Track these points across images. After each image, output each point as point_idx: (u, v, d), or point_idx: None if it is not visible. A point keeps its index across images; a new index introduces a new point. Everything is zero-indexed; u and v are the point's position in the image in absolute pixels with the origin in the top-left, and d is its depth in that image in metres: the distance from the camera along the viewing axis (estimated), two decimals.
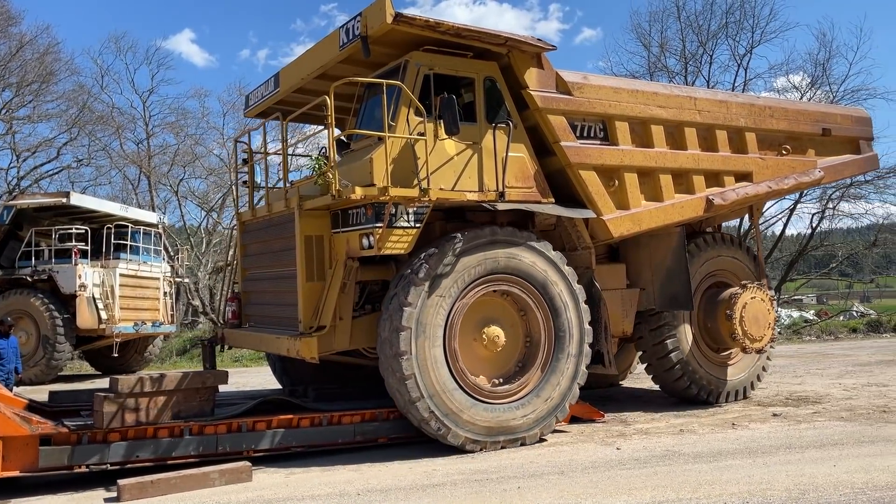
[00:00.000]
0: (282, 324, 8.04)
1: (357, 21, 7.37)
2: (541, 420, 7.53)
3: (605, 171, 8.25)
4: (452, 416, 7.03)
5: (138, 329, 16.42)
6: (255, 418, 7.13)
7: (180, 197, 31.67)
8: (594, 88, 8.27)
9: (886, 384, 10.84)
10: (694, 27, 26.90)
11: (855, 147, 10.52)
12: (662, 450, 6.91)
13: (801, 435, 7.34)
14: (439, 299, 7.05)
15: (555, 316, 7.70)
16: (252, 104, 9.83)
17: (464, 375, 7.22)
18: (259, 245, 8.75)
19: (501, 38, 7.55)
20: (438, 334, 7.05)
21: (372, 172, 7.05)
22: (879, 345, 19.35)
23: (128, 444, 6.57)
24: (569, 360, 7.73)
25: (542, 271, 7.62)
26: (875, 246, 33.25)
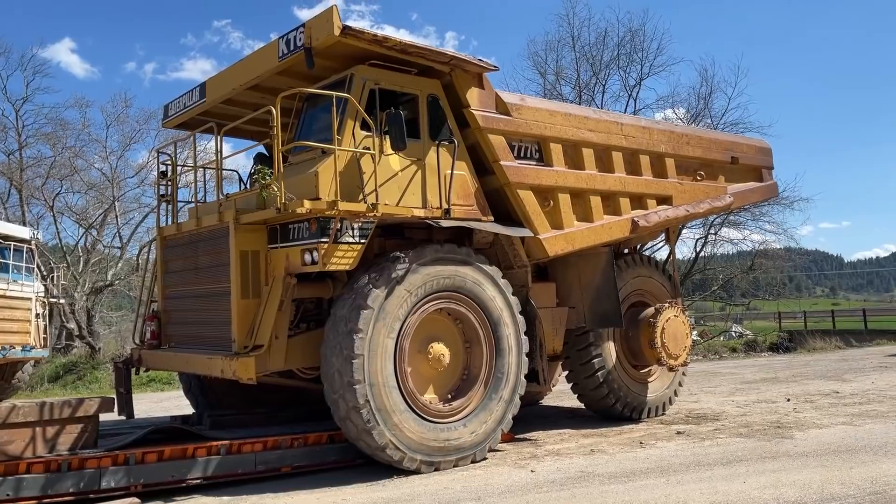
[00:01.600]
0: (210, 343, 7.72)
1: (300, 32, 7.30)
2: (488, 435, 7.64)
3: (541, 191, 8.55)
4: (406, 440, 7.00)
5: (5, 354, 15.06)
6: (145, 449, 6.63)
7: (56, 212, 29.61)
8: (531, 110, 8.58)
9: (774, 401, 11.53)
10: (588, 57, 28.49)
11: (758, 175, 11.47)
12: (577, 471, 7.01)
13: (707, 452, 7.63)
14: (390, 320, 7.02)
15: (496, 333, 7.85)
16: (172, 114, 9.47)
17: (414, 397, 7.22)
18: (183, 261, 8.38)
19: (446, 57, 7.71)
20: (390, 357, 7.01)
21: (318, 186, 6.96)
22: (760, 363, 20.74)
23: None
24: (509, 375, 7.88)
25: (485, 290, 7.76)
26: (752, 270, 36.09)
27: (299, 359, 7.58)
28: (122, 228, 29.44)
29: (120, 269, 29.51)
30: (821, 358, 21.85)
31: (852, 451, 7.37)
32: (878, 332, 32.97)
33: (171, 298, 8.57)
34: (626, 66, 28.21)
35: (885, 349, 24.22)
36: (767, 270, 36.78)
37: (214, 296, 7.69)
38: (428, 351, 7.52)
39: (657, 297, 10.36)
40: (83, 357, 23.41)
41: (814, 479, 6.19)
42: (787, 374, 16.47)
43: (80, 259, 30.27)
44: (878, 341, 29.13)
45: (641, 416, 10.07)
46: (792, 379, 15.11)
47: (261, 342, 7.12)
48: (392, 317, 7.05)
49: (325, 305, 8.11)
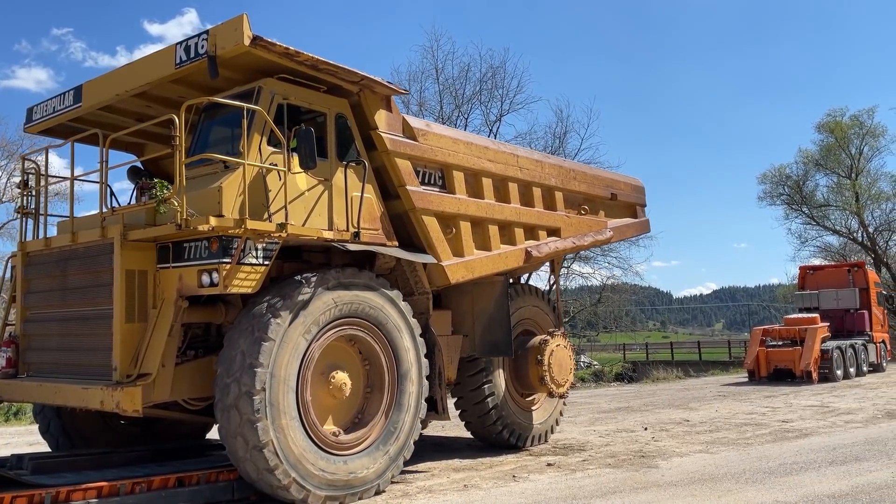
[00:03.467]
0: (83, 372, 7.02)
1: (203, 39, 6.95)
2: (390, 465, 7.49)
3: (445, 217, 8.65)
4: (310, 476, 6.70)
5: None
6: None
7: None
8: (436, 136, 8.70)
9: (633, 430, 12.13)
10: (451, 90, 29.51)
11: (633, 212, 12.32)
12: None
13: (581, 485, 7.74)
14: (292, 350, 6.72)
15: (398, 360, 7.77)
16: (38, 118, 8.63)
17: (316, 429, 6.94)
18: (50, 280, 7.60)
19: (357, 76, 7.65)
20: (292, 389, 6.69)
21: (221, 202, 6.60)
22: (611, 393, 21.90)
23: None
24: (411, 403, 7.82)
25: (388, 316, 7.67)
26: (599, 304, 38.44)
27: (187, 389, 7.11)
28: None
29: None
30: (665, 388, 23.49)
31: (716, 479, 7.76)
32: (711, 363, 36.21)
33: (33, 322, 7.71)
34: (487, 102, 29.52)
35: (719, 378, 26.52)
36: (614, 304, 39.39)
37: (91, 319, 7.03)
38: (329, 380, 7.28)
39: (542, 326, 10.74)
40: None
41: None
42: (638, 403, 17.52)
43: None
44: (713, 371, 31.87)
45: (527, 444, 10.33)
46: (644, 408, 16.07)
47: (147, 370, 6.57)
48: (294, 346, 6.75)
49: (213, 331, 7.65)
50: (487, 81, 29.25)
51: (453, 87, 29.36)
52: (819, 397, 17.09)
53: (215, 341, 7.56)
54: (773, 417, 13.35)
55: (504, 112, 29.48)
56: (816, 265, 30.83)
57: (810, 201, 41.67)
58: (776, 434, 11.15)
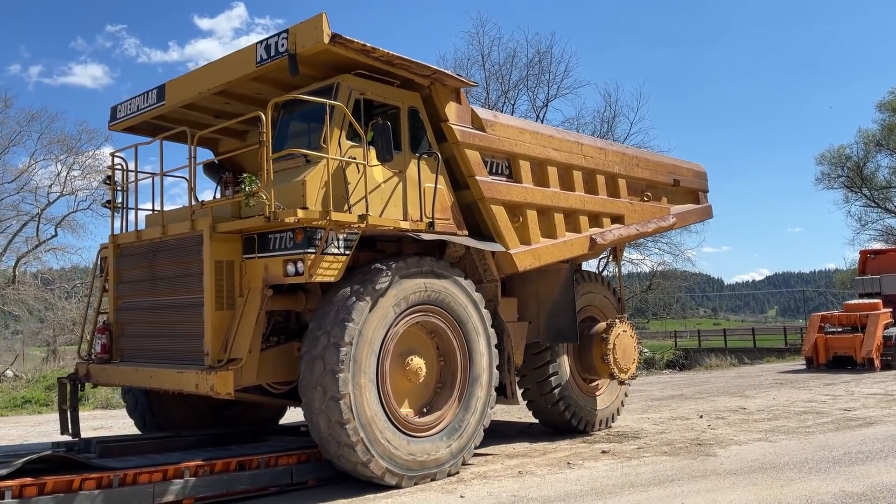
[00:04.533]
0: (174, 357, 7.47)
1: (283, 38, 7.28)
2: (462, 448, 7.79)
3: (512, 206, 8.88)
4: (388, 455, 7.04)
5: None
6: (22, 482, 5.91)
7: None
8: (503, 127, 8.92)
9: (688, 417, 12.04)
10: (497, 76, 29.55)
11: (696, 197, 12.36)
12: (508, 495, 6.90)
13: (637, 472, 7.69)
14: (373, 334, 7.06)
15: (469, 347, 8.05)
16: (122, 117, 9.11)
17: (394, 411, 7.28)
18: (140, 271, 8.07)
19: (429, 70, 7.91)
20: (372, 371, 7.04)
21: (305, 195, 6.95)
22: (663, 381, 21.83)
23: None
24: (481, 389, 8.09)
25: (460, 303, 7.95)
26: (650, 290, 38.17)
27: (270, 373, 7.50)
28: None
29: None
30: (719, 375, 23.26)
31: (777, 468, 7.64)
32: (766, 350, 35.73)
33: (124, 310, 8.22)
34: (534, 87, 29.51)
35: (775, 366, 26.18)
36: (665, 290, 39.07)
37: (181, 307, 7.46)
38: (406, 364, 7.61)
39: (605, 312, 10.91)
40: None
41: (749, 499, 6.34)
42: (691, 390, 17.41)
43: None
44: (768, 358, 31.46)
45: (593, 429, 10.55)
46: (698, 396, 15.97)
47: (237, 355, 6.98)
48: (375, 330, 7.10)
49: (293, 318, 8.04)
50: (534, 66, 29.31)
51: (499, 74, 29.48)
52: (882, 385, 16.75)
53: (295, 328, 7.96)
54: (835, 405, 13.14)
55: (551, 97, 29.53)
56: (878, 249, 30.12)
57: (871, 183, 40.64)
58: (838, 423, 11.00)
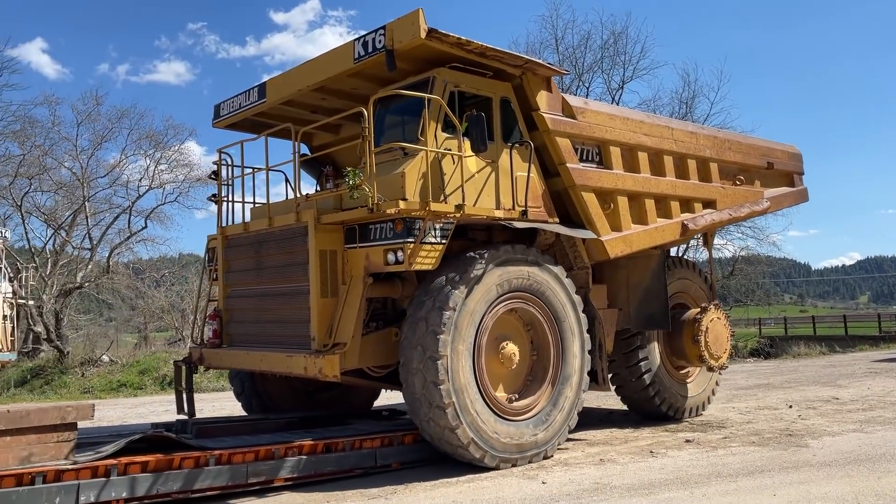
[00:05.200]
0: (282, 342, 7.94)
1: (380, 35, 7.58)
2: (556, 434, 8.00)
3: (603, 193, 8.98)
4: (486, 438, 7.33)
5: None
6: (128, 460, 6.27)
7: (24, 212, 29.13)
8: (593, 114, 9.02)
9: (776, 407, 11.77)
10: (571, 59, 29.24)
11: (790, 180, 12.12)
12: (591, 483, 6.88)
13: (725, 462, 7.57)
14: (469, 320, 7.33)
15: (561, 333, 8.23)
16: (225, 114, 9.65)
17: (491, 395, 7.55)
18: (247, 260, 8.58)
19: (521, 60, 8.09)
20: (469, 357, 7.33)
21: (404, 186, 7.25)
22: (748, 369, 21.27)
23: None
24: (574, 373, 8.27)
25: (552, 290, 8.13)
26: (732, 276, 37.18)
27: (371, 357, 7.86)
28: (93, 230, 29.13)
29: (90, 272, 29.11)
30: (808, 364, 22.57)
31: (873, 460, 7.40)
32: (858, 338, 34.35)
33: (233, 297, 8.76)
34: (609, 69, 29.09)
35: (869, 354, 25.19)
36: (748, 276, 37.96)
37: (287, 294, 7.92)
38: (500, 350, 7.85)
39: (696, 299, 10.88)
40: (51, 361, 23.13)
41: (845, 492, 6.18)
42: (779, 379, 16.98)
43: (49, 261, 29.93)
44: (861, 346, 30.29)
45: (683, 417, 10.57)
46: (786, 385, 15.58)
47: (341, 340, 7.38)
48: (471, 317, 7.37)
49: (390, 305, 8.39)
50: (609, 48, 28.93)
51: (573, 56, 29.22)
52: None
53: (392, 314, 8.32)
54: None
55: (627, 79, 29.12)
56: None
57: None
58: None
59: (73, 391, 19.77)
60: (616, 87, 29.17)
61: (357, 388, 10.18)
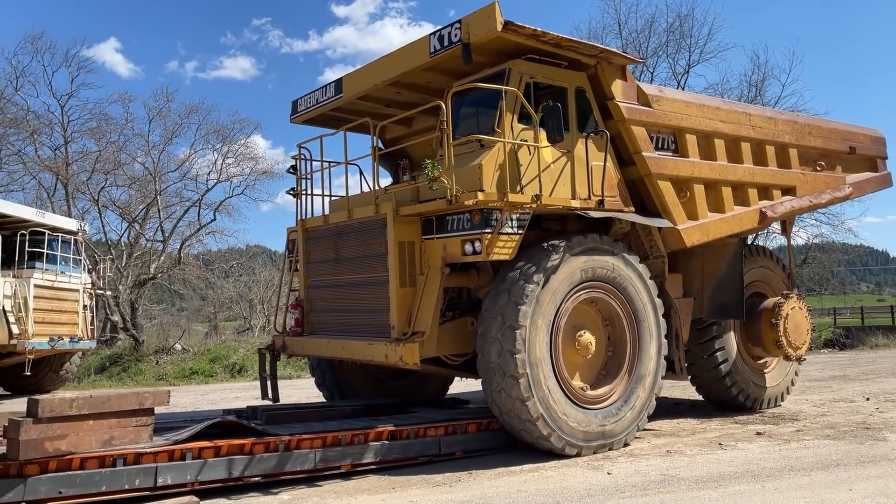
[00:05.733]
0: (362, 330, 8.21)
1: (455, 28, 7.73)
2: (630, 424, 8.06)
3: (679, 181, 8.96)
4: (566, 428, 7.45)
5: (54, 345, 15.61)
6: (202, 444, 6.50)
7: (100, 206, 30.49)
8: (669, 101, 9.00)
9: (852, 399, 11.48)
10: (635, 44, 28.72)
11: (873, 165, 11.79)
12: (657, 474, 6.82)
13: (798, 456, 7.42)
14: (545, 311, 7.45)
15: (638, 323, 8.27)
16: (303, 110, 9.97)
17: (569, 385, 7.67)
18: (326, 251, 8.89)
19: (596, 49, 8.14)
20: (546, 347, 7.45)
21: (481, 178, 7.41)
22: (822, 360, 20.77)
23: (49, 478, 5.78)
24: (651, 362, 8.31)
25: (629, 281, 8.18)
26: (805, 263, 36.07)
27: (447, 345, 8.04)
28: (164, 222, 30.25)
29: (162, 263, 30.25)
30: (887, 355, 21.90)
31: None
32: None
33: (313, 287, 9.09)
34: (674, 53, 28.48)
35: None
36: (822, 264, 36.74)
37: (368, 285, 8.19)
38: (576, 339, 7.95)
39: (773, 288, 10.73)
40: (127, 349, 24.25)
41: None
42: (855, 371, 16.54)
43: (124, 253, 31.20)
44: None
45: (761, 407, 10.47)
46: (863, 377, 15.15)
47: (420, 329, 7.60)
48: (547, 307, 7.49)
49: (465, 294, 8.57)
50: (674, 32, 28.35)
51: (637, 41, 28.72)
52: None
53: (467, 304, 8.51)
54: None
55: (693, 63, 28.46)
56: None
57: None
58: None
59: (149, 378, 20.79)
60: (682, 71, 28.60)
61: (430, 378, 10.44)
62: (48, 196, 30.92)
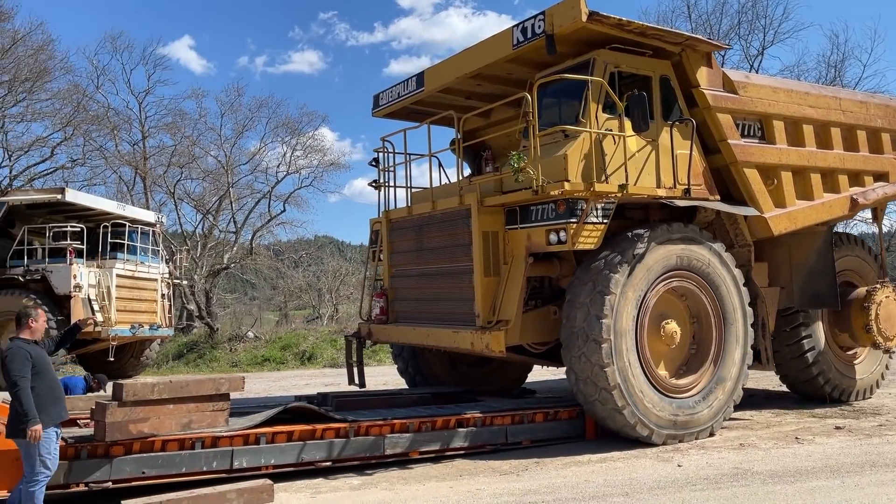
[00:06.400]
0: (443, 318, 8.46)
1: (539, 20, 7.86)
2: (715, 414, 8.09)
3: (765, 169, 8.89)
4: (652, 417, 7.56)
5: (135, 332, 16.38)
6: (275, 429, 6.73)
7: (176, 199, 31.71)
8: (755, 87, 8.92)
9: None
10: (705, 27, 27.94)
11: None
12: (730, 467, 6.70)
13: (880, 451, 7.17)
14: (630, 301, 7.55)
15: (724, 314, 8.27)
16: (384, 104, 10.27)
17: (654, 374, 7.76)
18: (409, 242, 9.17)
19: (681, 37, 8.15)
20: (632, 337, 7.56)
21: (567, 168, 7.54)
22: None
23: (134, 458, 6.06)
24: (737, 350, 8.30)
25: (714, 269, 8.19)
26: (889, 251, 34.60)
27: (530, 334, 8.23)
28: (236, 214, 31.24)
29: (235, 254, 31.27)
30: None
31: None
32: None
33: (397, 277, 9.40)
34: (747, 35, 27.61)
35: None
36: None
37: (451, 274, 8.43)
38: (661, 329, 8.01)
39: (864, 277, 10.51)
40: (202, 336, 25.21)
41: None
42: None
43: (199, 243, 32.38)
44: None
45: (850, 399, 10.30)
46: None
47: (505, 317, 7.80)
48: (632, 297, 7.59)
49: (546, 283, 8.72)
50: (747, 12, 27.45)
51: (708, 24, 27.95)
52: None
53: (549, 293, 8.66)
54: None
55: (767, 44, 27.52)
56: None
57: None
58: None
59: (223, 364, 21.60)
60: (755, 53, 27.69)
61: (509, 366, 10.66)
62: (128, 189, 32.33)
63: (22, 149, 30.02)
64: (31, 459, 5.08)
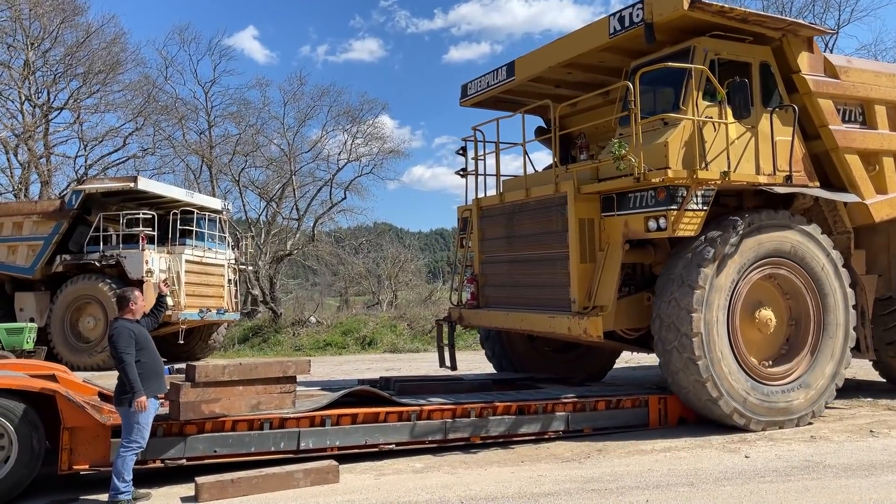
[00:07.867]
0: (536, 304, 8.70)
1: (638, 9, 7.99)
2: (812, 403, 8.17)
3: (866, 154, 8.88)
4: (747, 405, 7.71)
5: (203, 316, 17.04)
6: (340, 412, 6.90)
7: (241, 186, 32.61)
8: (857, 72, 8.90)
9: None
10: (777, 6, 27.24)
11: None
12: (800, 460, 6.61)
13: None
14: (723, 290, 7.69)
15: (822, 300, 8.31)
16: (473, 93, 10.52)
17: (747, 362, 7.89)
18: (500, 229, 9.43)
19: (783, 23, 8.19)
20: (724, 326, 7.70)
21: (667, 156, 7.68)
22: None
23: (206, 437, 6.35)
24: (835, 343, 8.35)
25: (811, 255, 8.24)
26: None
27: (624, 320, 8.42)
28: (299, 201, 31.99)
29: (297, 240, 32.00)
30: None
31: None
32: None
33: (488, 263, 9.68)
34: (821, 14, 26.86)
35: None
36: None
37: (544, 260, 8.67)
38: (755, 316, 8.10)
39: None
40: (266, 321, 25.98)
41: None
42: None
43: (263, 230, 33.23)
44: None
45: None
46: None
47: (601, 303, 8.01)
48: (724, 286, 7.72)
49: (639, 270, 8.86)
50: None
51: (779, 3, 27.32)
52: None
53: (641, 280, 8.82)
54: None
55: (843, 23, 26.77)
56: None
57: None
58: None
59: (286, 348, 22.33)
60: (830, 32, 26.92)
61: (596, 352, 10.86)
62: (195, 177, 33.40)
63: (96, 139, 31.42)
64: (130, 428, 5.58)
